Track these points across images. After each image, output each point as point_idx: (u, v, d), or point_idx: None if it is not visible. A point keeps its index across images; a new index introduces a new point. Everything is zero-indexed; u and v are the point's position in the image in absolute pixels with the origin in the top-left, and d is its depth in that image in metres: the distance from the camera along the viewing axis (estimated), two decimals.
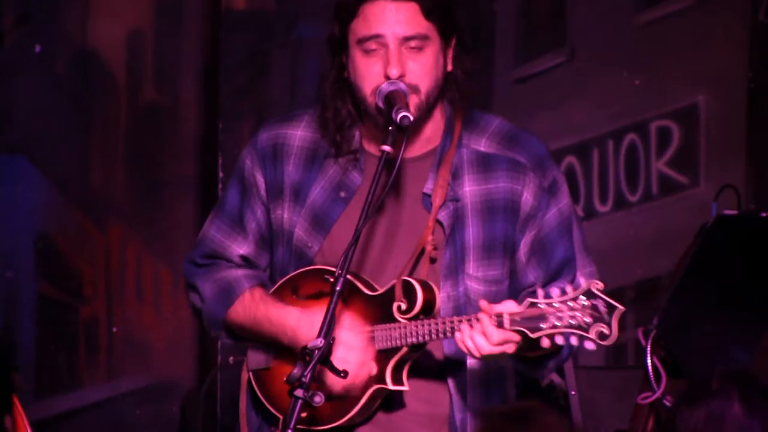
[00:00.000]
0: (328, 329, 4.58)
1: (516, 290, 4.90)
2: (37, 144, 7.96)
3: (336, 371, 4.66)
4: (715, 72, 7.77)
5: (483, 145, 5.01)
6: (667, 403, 6.30)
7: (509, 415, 3.75)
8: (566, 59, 7.96)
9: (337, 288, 4.60)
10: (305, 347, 4.57)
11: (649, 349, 6.32)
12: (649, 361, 6.31)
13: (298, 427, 4.73)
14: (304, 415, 4.70)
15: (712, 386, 3.98)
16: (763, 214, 6.80)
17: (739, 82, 7.73)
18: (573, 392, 6.88)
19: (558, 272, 4.94)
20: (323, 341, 4.55)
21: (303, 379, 4.51)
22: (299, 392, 4.50)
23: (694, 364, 6.40)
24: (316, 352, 4.53)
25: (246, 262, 5.11)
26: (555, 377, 7.08)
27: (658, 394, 6.30)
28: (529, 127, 5.42)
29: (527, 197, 4.97)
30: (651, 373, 6.32)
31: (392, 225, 4.99)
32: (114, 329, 7.95)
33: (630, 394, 6.61)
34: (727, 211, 6.61)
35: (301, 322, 4.89)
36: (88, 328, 7.97)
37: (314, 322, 4.78)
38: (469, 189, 4.98)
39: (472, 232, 4.95)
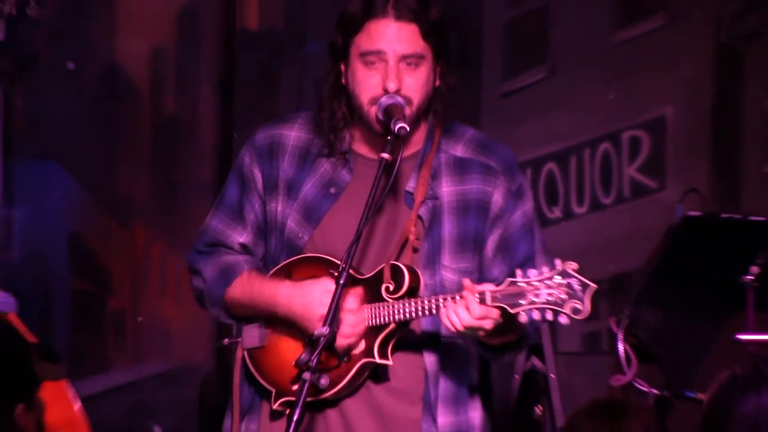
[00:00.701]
0: (333, 318, 4.58)
1: (482, 283, 4.84)
2: (69, 151, 8.01)
3: (339, 357, 4.72)
4: (682, 87, 7.81)
5: (459, 151, 5.03)
6: (638, 385, 6.35)
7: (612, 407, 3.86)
8: (547, 75, 8.00)
9: (341, 281, 4.60)
10: (311, 335, 4.57)
11: (620, 336, 6.39)
12: (620, 347, 6.37)
13: (289, 399, 4.80)
14: (294, 387, 4.70)
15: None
16: (724, 215, 6.87)
17: (703, 95, 7.76)
18: (552, 375, 6.95)
19: (520, 268, 4.81)
20: (328, 329, 4.55)
21: (310, 364, 4.50)
22: (307, 375, 4.50)
23: (662, 351, 6.47)
24: (322, 339, 4.53)
25: (245, 250, 5.10)
26: (536, 362, 7.12)
27: (629, 377, 6.34)
28: (514, 137, 5.57)
29: (497, 198, 5.00)
30: (622, 359, 6.37)
31: (378, 218, 4.99)
32: (139, 319, 8.05)
33: (604, 377, 6.65)
34: (692, 213, 6.67)
35: (294, 293, 4.90)
36: (116, 318, 8.06)
37: (306, 293, 4.85)
38: (446, 189, 5.01)
39: (447, 228, 4.99)
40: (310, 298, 4.87)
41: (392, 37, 4.90)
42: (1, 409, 3.90)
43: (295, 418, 4.49)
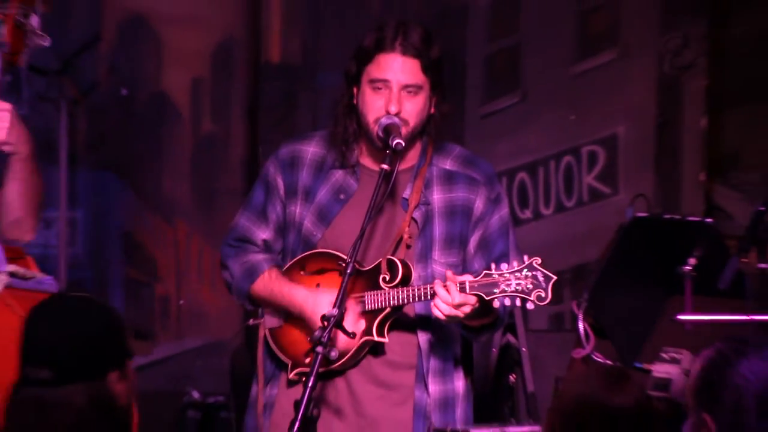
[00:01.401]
0: (341, 302, 4.58)
1: (463, 274, 4.87)
2: (122, 163, 8.01)
3: (347, 333, 4.66)
4: (631, 109, 7.81)
5: (448, 165, 5.04)
6: (595, 357, 6.29)
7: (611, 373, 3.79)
8: (519, 100, 7.96)
9: (348, 271, 4.61)
10: (324, 315, 4.57)
11: (580, 316, 6.35)
12: (580, 325, 6.33)
13: (303, 369, 4.87)
14: (307, 360, 4.83)
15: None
16: (667, 216, 6.84)
17: (648, 117, 7.76)
18: (524, 349, 6.94)
19: (495, 262, 4.85)
20: (338, 311, 4.55)
21: (323, 339, 4.51)
22: (320, 349, 4.49)
23: (615, 329, 6.41)
24: (332, 319, 4.53)
25: (266, 244, 5.10)
26: (511, 338, 7.07)
27: (587, 350, 6.30)
28: (492, 151, 5.58)
29: (479, 204, 5.01)
30: (582, 335, 6.33)
31: (378, 220, 4.99)
32: (181, 302, 8.06)
33: (567, 350, 6.59)
34: (640, 214, 6.65)
35: (306, 300, 4.92)
36: (162, 301, 8.06)
37: (317, 300, 4.88)
38: (437, 196, 5.01)
39: (437, 229, 5.00)
40: (318, 307, 4.87)
41: (397, 69, 4.91)
42: (99, 374, 3.80)
43: (309, 384, 4.49)
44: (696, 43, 7.66)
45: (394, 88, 4.89)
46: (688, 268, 5.78)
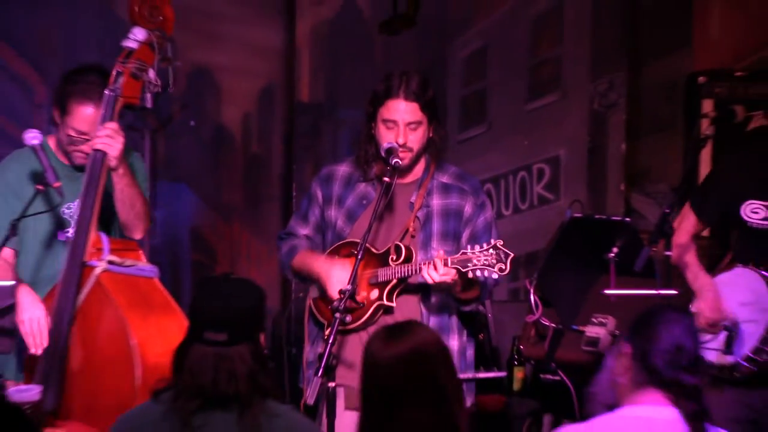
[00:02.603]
0: (354, 279, 4.67)
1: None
2: (191, 176, 7.96)
3: (357, 303, 4.83)
4: (569, 137, 7.73)
5: (445, 179, 5.10)
6: (543, 321, 6.27)
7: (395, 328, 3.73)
8: (486, 130, 7.95)
9: (358, 257, 4.71)
10: (341, 290, 4.66)
11: (532, 290, 6.35)
12: (531, 297, 6.32)
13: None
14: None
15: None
16: (596, 216, 6.89)
17: (582, 143, 7.72)
18: (489, 315, 6.92)
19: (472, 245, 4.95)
20: (351, 286, 4.66)
21: (339, 308, 4.62)
22: (338, 315, 4.61)
23: (557, 300, 6.39)
24: (347, 292, 4.64)
25: (307, 238, 5.18)
26: (480, 307, 6.91)
27: (537, 316, 6.29)
28: (465, 169, 5.55)
29: (468, 209, 5.08)
30: (533, 305, 6.32)
31: (391, 219, 5.05)
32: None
33: (521, 316, 6.56)
34: (576, 215, 6.63)
35: (321, 268, 5.00)
36: None
37: (330, 270, 4.96)
38: (436, 202, 5.06)
39: (436, 225, 5.05)
40: (329, 272, 4.96)
41: (402, 111, 4.96)
42: (256, 336, 3.83)
43: (330, 340, 4.56)
44: (618, 87, 7.64)
45: (401, 125, 4.95)
46: (612, 255, 5.75)
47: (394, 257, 4.98)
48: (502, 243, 4.78)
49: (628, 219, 6.66)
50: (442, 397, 3.56)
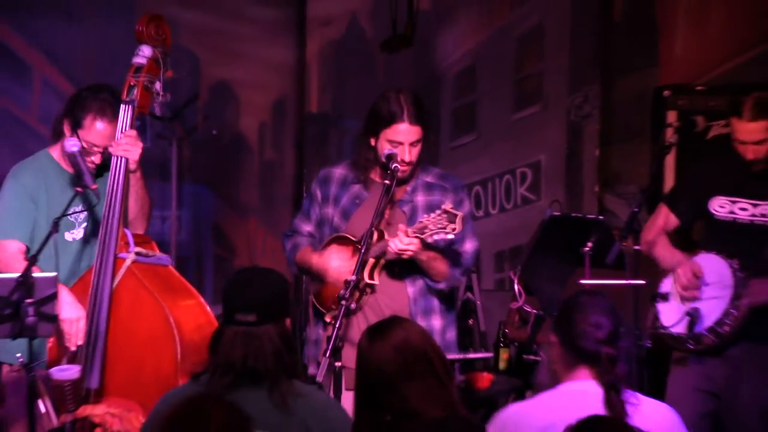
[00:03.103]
0: (359, 270, 4.68)
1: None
2: (213, 179, 7.96)
3: (362, 292, 4.83)
4: (549, 145, 7.71)
5: (429, 178, 5.08)
6: (526, 308, 6.28)
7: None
8: (475, 138, 7.93)
9: (362, 251, 4.72)
10: (346, 280, 4.62)
11: (516, 280, 6.33)
12: (515, 286, 6.29)
13: (334, 314, 4.75)
14: (334, 307, 4.82)
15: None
16: (573, 215, 6.90)
17: (561, 149, 7.69)
18: (478, 302, 6.90)
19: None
20: (355, 277, 4.64)
21: (346, 296, 4.58)
22: (344, 303, 4.56)
23: (539, 289, 6.40)
24: (352, 282, 4.61)
25: (310, 234, 5.16)
26: (470, 295, 6.98)
27: (520, 303, 6.30)
28: (457, 172, 5.56)
29: (447, 204, 4.93)
30: (517, 293, 6.32)
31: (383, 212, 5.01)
32: None
33: (506, 303, 6.56)
34: (555, 213, 6.63)
35: (320, 261, 5.00)
36: None
37: (325, 261, 4.96)
38: (420, 198, 5.04)
39: (420, 218, 4.93)
40: (327, 262, 4.96)
41: (406, 132, 4.95)
42: (282, 318, 3.88)
43: (337, 325, 4.53)
44: (592, 100, 7.62)
45: (406, 145, 4.95)
46: (587, 249, 5.79)
47: (370, 240, 4.89)
48: (451, 207, 4.74)
49: (601, 217, 6.67)
50: (433, 373, 3.60)
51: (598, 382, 3.77)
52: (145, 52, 4.96)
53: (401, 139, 4.94)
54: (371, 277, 4.91)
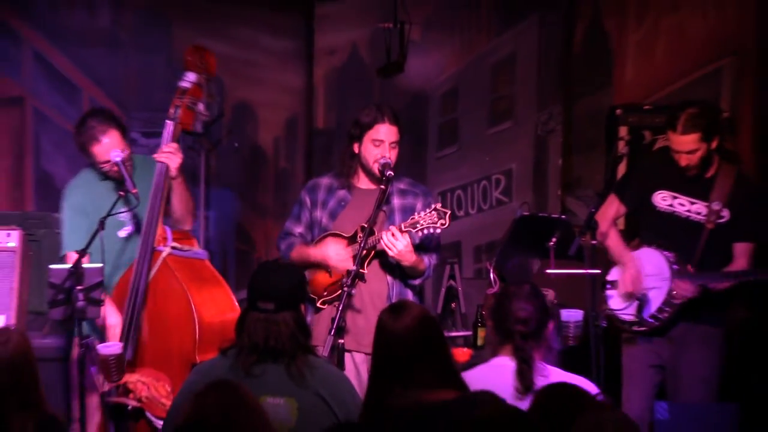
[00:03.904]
0: (357, 262, 4.65)
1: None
2: (235, 184, 7.94)
3: (362, 279, 4.78)
4: (520, 155, 7.73)
5: (402, 185, 5.04)
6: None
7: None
8: (457, 149, 7.91)
9: (361, 245, 4.70)
10: (348, 270, 4.63)
11: (491, 270, 6.31)
12: (491, 275, 6.27)
13: (326, 299, 4.83)
14: (325, 293, 4.86)
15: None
16: (540, 214, 6.88)
17: (529, 159, 7.67)
18: (460, 288, 6.95)
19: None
20: (356, 268, 4.65)
21: (347, 284, 4.60)
22: (346, 289, 4.59)
23: (511, 277, 6.33)
24: (353, 272, 4.63)
25: (301, 235, 5.11)
26: (453, 282, 7.07)
27: (495, 289, 6.23)
28: (442, 179, 5.55)
29: (419, 206, 4.99)
30: (492, 281, 6.27)
31: (365, 214, 4.91)
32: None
33: (483, 289, 6.53)
34: (524, 213, 6.64)
35: (317, 251, 4.96)
36: (257, 261, 7.94)
37: (323, 251, 4.91)
38: (396, 202, 5.01)
39: (397, 218, 4.96)
40: (325, 252, 4.91)
41: (387, 133, 4.93)
42: (297, 306, 3.89)
43: (340, 308, 4.53)
44: (556, 117, 7.60)
45: (386, 144, 4.92)
46: (551, 243, 5.79)
47: (361, 235, 4.87)
48: (440, 205, 4.75)
49: (563, 216, 6.67)
50: (441, 348, 3.64)
51: (512, 357, 3.82)
52: (190, 77, 4.99)
53: (383, 137, 4.90)
54: (361, 266, 4.82)
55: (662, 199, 5.17)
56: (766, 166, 6.69)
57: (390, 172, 4.85)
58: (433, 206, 4.72)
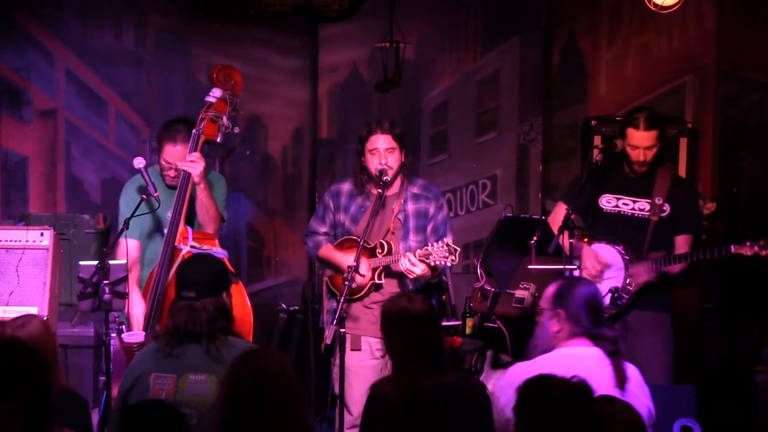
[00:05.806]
0: (357, 260, 4.75)
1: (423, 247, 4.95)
2: (247, 188, 7.87)
3: (360, 274, 4.85)
4: (504, 162, 7.70)
5: (415, 190, 5.10)
6: (487, 287, 6.12)
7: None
8: (448, 156, 7.88)
9: (361, 244, 4.79)
10: (349, 265, 4.72)
11: (478, 265, 6.26)
12: (478, 270, 6.23)
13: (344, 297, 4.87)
14: (346, 292, 4.86)
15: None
16: (522, 216, 6.88)
17: (512, 166, 7.66)
18: (450, 282, 6.72)
19: (440, 239, 4.96)
20: (355, 264, 4.73)
21: (348, 277, 4.69)
22: (347, 282, 4.69)
23: (496, 272, 6.25)
24: (353, 267, 4.72)
25: (326, 234, 5.15)
26: (444, 278, 7.02)
27: (482, 283, 6.17)
28: (433, 182, 5.58)
29: (432, 210, 5.06)
30: (479, 275, 6.22)
31: (382, 219, 5.05)
32: (277, 258, 7.90)
33: (471, 283, 6.47)
34: (508, 214, 6.63)
35: (340, 258, 5.01)
36: (267, 258, 7.92)
37: (344, 258, 4.95)
38: (410, 207, 5.06)
39: (411, 224, 5.03)
40: (345, 261, 4.93)
41: (381, 142, 4.98)
42: (218, 294, 3.96)
43: (341, 300, 4.60)
44: (536, 128, 7.61)
45: (381, 151, 4.95)
46: (533, 241, 5.78)
47: (380, 251, 4.97)
48: (452, 240, 4.81)
49: (543, 217, 6.53)
50: (439, 330, 3.87)
51: (598, 348, 3.82)
52: (215, 93, 5.06)
53: (377, 146, 4.97)
54: (379, 278, 4.94)
55: (607, 202, 5.29)
56: (725, 170, 6.75)
57: (386, 177, 4.92)
58: (444, 241, 4.83)
